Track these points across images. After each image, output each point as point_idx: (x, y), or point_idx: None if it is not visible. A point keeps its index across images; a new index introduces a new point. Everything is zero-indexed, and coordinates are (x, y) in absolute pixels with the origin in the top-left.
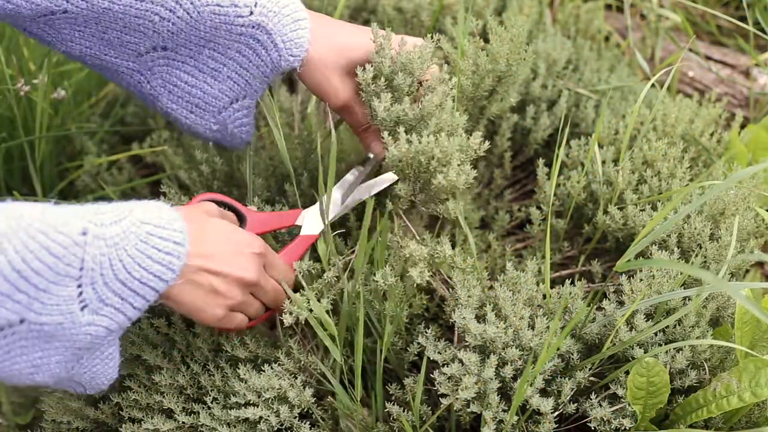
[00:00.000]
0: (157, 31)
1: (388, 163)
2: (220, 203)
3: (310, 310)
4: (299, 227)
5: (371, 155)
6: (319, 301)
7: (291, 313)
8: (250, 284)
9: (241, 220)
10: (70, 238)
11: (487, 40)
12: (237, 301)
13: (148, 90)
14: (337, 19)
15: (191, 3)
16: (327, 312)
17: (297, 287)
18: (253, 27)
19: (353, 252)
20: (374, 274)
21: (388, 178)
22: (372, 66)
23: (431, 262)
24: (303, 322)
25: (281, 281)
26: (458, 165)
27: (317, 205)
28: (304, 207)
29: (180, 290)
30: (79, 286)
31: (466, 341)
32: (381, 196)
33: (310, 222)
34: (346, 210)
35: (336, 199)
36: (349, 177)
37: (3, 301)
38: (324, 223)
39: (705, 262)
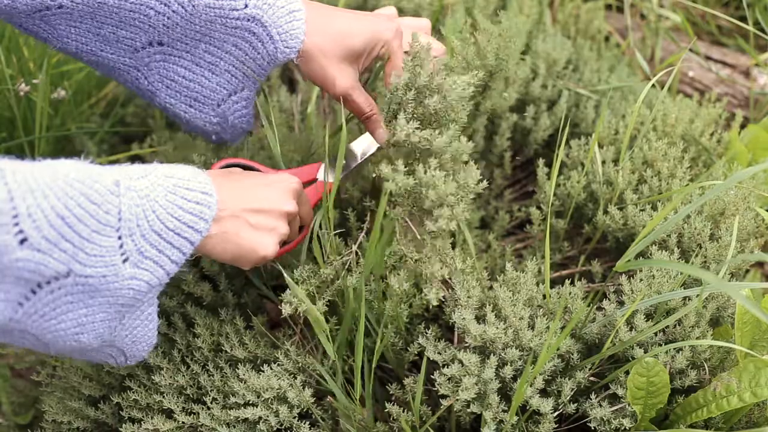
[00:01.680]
0: (152, 26)
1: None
2: (241, 166)
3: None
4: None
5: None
6: (315, 298)
7: (290, 304)
8: (292, 215)
9: None
10: (105, 187)
11: None
12: (285, 232)
13: (146, 86)
14: (334, 6)
15: None
16: (325, 307)
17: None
18: (248, 20)
19: (352, 251)
20: (371, 282)
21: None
22: (406, 77)
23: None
24: (301, 320)
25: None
26: (457, 204)
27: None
28: None
29: (220, 239)
30: (120, 237)
31: (466, 342)
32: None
33: (329, 172)
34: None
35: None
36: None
37: (50, 250)
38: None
39: (705, 262)
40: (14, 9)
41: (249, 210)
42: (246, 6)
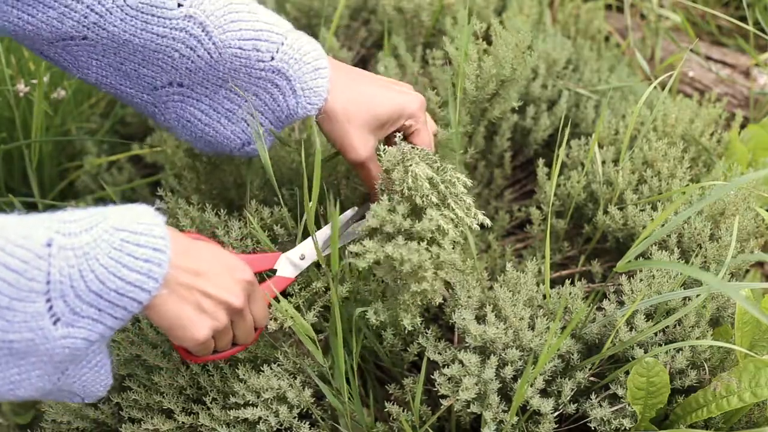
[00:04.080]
0: (175, 68)
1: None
2: None
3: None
4: (275, 271)
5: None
6: (308, 309)
7: (276, 320)
8: (236, 311)
9: None
10: (31, 251)
11: (489, 42)
12: (222, 325)
13: (163, 122)
14: (362, 70)
15: (213, 44)
16: (316, 318)
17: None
18: (273, 72)
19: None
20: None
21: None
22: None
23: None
24: (288, 330)
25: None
26: (433, 275)
27: (296, 249)
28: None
29: (165, 301)
30: (48, 300)
31: (466, 342)
32: None
33: (287, 266)
34: (303, 268)
35: (293, 258)
36: (343, 217)
37: None
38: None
39: (705, 262)
40: (38, 35)
41: (198, 289)
42: (272, 59)
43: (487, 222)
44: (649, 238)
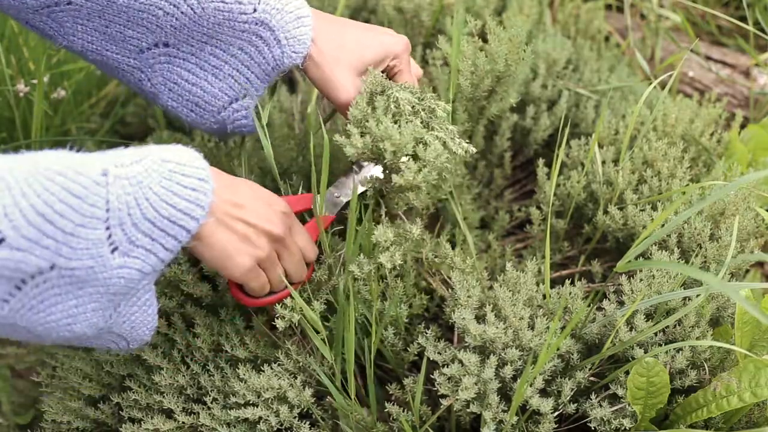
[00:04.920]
0: (160, 26)
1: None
2: None
3: (302, 312)
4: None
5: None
6: (310, 302)
7: (284, 318)
8: (278, 239)
9: None
10: (90, 178)
11: (486, 41)
12: (264, 253)
13: (149, 88)
14: (345, 19)
15: None
16: (322, 312)
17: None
18: (256, 24)
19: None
20: (370, 282)
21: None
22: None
23: (403, 243)
24: (297, 325)
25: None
26: (419, 166)
27: (329, 190)
28: None
29: (213, 230)
30: (108, 228)
31: (466, 342)
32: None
33: (326, 204)
34: (341, 205)
35: (330, 198)
36: (343, 179)
37: (31, 248)
38: (318, 219)
39: (705, 262)
40: (23, 4)
41: (239, 219)
42: (255, 10)
43: (472, 149)
44: (649, 238)
